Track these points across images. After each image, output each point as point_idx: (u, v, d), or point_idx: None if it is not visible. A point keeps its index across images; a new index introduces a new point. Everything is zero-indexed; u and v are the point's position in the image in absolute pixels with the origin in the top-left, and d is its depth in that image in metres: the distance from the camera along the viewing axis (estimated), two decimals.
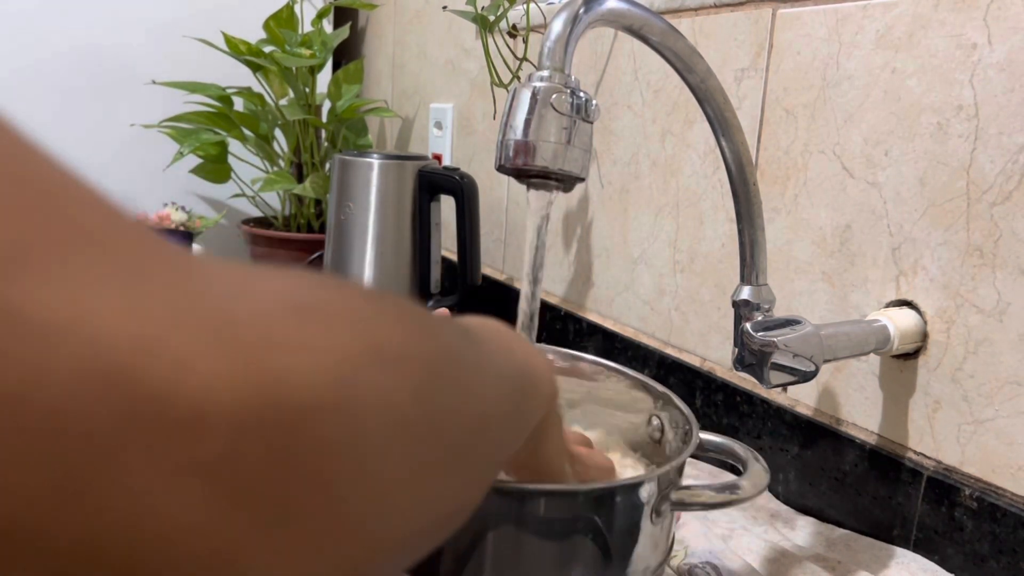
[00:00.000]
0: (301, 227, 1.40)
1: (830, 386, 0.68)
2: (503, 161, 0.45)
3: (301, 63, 1.31)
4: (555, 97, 0.44)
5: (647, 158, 0.88)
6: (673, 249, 0.85)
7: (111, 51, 1.44)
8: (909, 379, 0.61)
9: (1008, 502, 0.54)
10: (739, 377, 0.76)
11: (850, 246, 0.66)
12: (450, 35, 1.32)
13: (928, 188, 0.59)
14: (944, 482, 0.58)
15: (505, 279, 1.18)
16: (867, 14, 0.64)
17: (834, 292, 0.67)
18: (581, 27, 0.46)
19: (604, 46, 0.95)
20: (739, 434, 0.76)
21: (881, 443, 0.63)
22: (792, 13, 0.70)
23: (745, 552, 0.60)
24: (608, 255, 0.95)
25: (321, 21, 1.38)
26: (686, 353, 0.84)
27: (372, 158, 1.10)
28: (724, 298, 0.78)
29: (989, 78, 0.55)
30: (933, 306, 0.59)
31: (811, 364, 0.57)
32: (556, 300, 1.05)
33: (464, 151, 1.29)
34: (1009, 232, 0.54)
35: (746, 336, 0.58)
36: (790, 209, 0.71)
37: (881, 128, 0.63)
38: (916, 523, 0.60)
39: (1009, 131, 0.54)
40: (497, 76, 1.00)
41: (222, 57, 1.33)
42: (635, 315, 0.91)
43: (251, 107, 1.37)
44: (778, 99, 0.72)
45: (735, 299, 0.60)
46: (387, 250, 1.10)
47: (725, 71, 0.76)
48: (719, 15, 0.78)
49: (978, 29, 0.56)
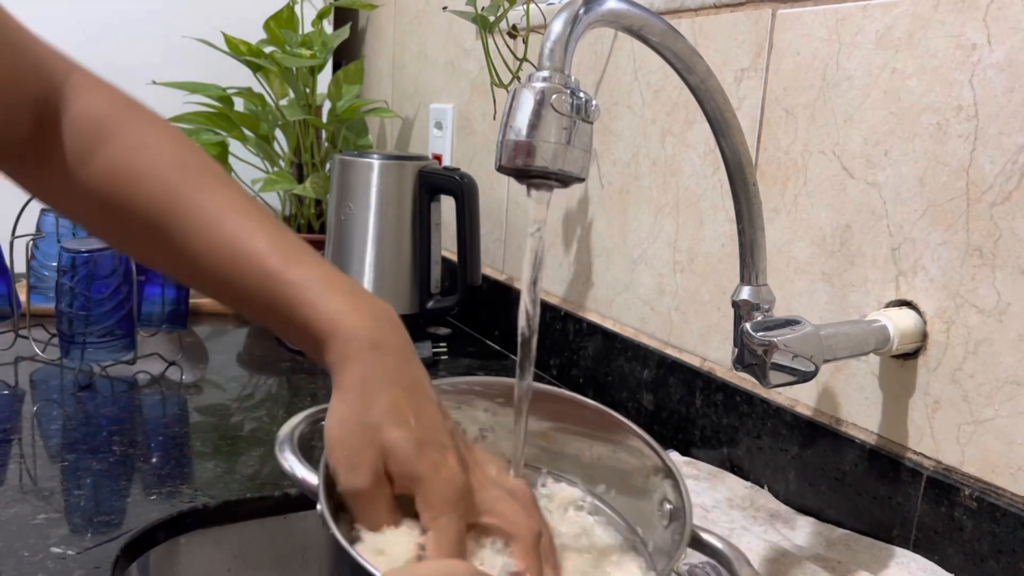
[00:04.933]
0: (301, 227, 1.40)
1: (830, 386, 0.68)
2: (503, 161, 0.45)
3: (301, 63, 1.31)
4: (555, 97, 0.44)
5: (647, 158, 0.88)
6: (673, 249, 0.85)
7: (111, 51, 1.43)
8: (909, 379, 0.61)
9: (1008, 502, 0.54)
10: (739, 377, 0.77)
11: (850, 246, 0.66)
12: (450, 35, 1.32)
13: (928, 188, 0.59)
14: (944, 482, 0.58)
15: (505, 279, 1.18)
16: (867, 14, 0.64)
17: (834, 292, 0.67)
18: (581, 28, 0.46)
19: (604, 46, 0.95)
20: (739, 434, 0.76)
21: (881, 443, 0.63)
22: (792, 13, 0.70)
23: (745, 552, 0.60)
24: (608, 255, 0.95)
25: (321, 21, 1.38)
26: (686, 353, 0.84)
27: (372, 158, 1.10)
28: (724, 298, 0.78)
29: (989, 78, 0.55)
30: (933, 306, 0.60)
31: (811, 364, 0.57)
32: (556, 300, 1.05)
33: (464, 151, 1.30)
34: (1009, 232, 0.54)
35: (746, 336, 0.58)
36: (790, 209, 0.71)
37: (881, 128, 0.63)
38: (916, 523, 0.60)
39: (1009, 131, 0.54)
40: (497, 76, 1.00)
41: (222, 57, 1.34)
42: (635, 315, 0.91)
43: (251, 107, 1.37)
44: (778, 99, 0.72)
45: (735, 299, 0.60)
46: (387, 250, 1.10)
47: (725, 71, 0.76)
48: (719, 15, 0.78)
49: (978, 29, 0.56)
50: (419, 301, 1.12)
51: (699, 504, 0.68)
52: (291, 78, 1.33)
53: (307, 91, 1.37)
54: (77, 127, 0.52)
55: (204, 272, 0.50)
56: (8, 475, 0.71)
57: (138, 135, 0.53)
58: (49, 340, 0.99)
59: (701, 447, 0.81)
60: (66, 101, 0.52)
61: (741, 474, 0.75)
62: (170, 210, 0.50)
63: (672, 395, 0.84)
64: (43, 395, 0.90)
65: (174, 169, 0.52)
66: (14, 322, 1.00)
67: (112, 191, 0.51)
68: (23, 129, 0.51)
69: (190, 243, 0.50)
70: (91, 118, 0.52)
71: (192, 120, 1.31)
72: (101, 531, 0.62)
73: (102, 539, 0.61)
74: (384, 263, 1.10)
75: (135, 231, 0.52)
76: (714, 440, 0.79)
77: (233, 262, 0.49)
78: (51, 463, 0.73)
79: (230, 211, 0.51)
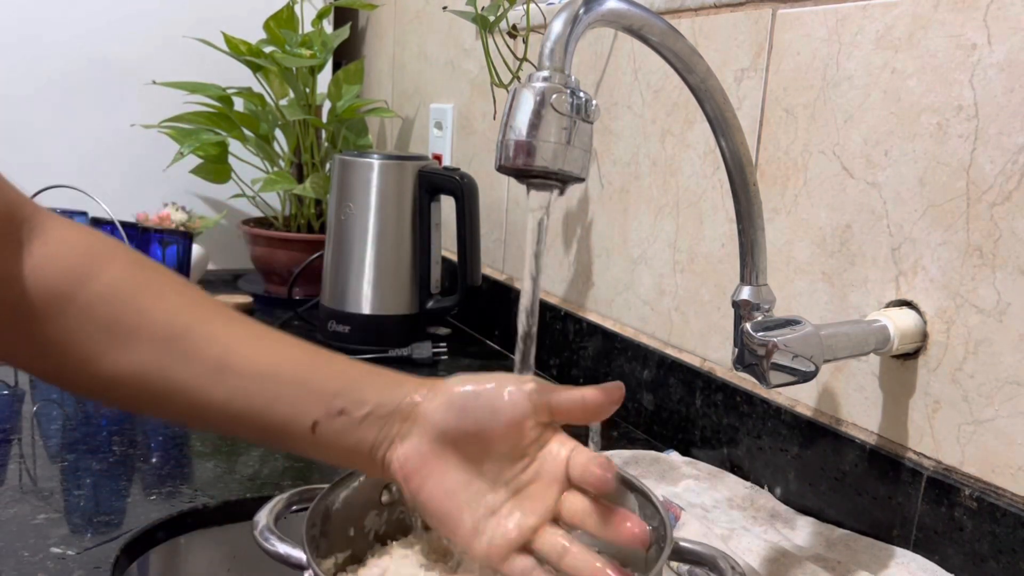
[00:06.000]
0: (301, 227, 1.40)
1: (830, 386, 0.68)
2: (503, 161, 0.45)
3: (301, 63, 1.31)
4: (555, 97, 0.44)
5: (647, 158, 0.88)
6: (673, 249, 0.85)
7: (112, 51, 1.44)
8: (909, 379, 0.61)
9: (1008, 502, 0.54)
10: (739, 377, 0.76)
11: (850, 246, 0.66)
12: (450, 35, 1.32)
13: (928, 188, 0.59)
14: (944, 482, 0.58)
15: (505, 279, 1.18)
16: (867, 14, 0.64)
17: (834, 292, 0.67)
18: (581, 27, 0.46)
19: (604, 46, 0.95)
20: (739, 434, 0.76)
21: (881, 443, 0.63)
22: (792, 13, 0.70)
23: (745, 552, 0.60)
24: (608, 255, 0.95)
25: (321, 21, 1.38)
26: (686, 353, 0.84)
27: (372, 158, 1.10)
28: (724, 298, 0.78)
29: (989, 78, 0.55)
30: (933, 306, 0.59)
31: (811, 364, 0.57)
32: (556, 300, 1.05)
33: (464, 151, 1.30)
34: (1009, 232, 0.54)
35: (746, 336, 0.58)
36: (790, 209, 0.71)
37: (881, 128, 0.63)
38: (916, 523, 0.60)
39: (1009, 131, 0.54)
40: (497, 76, 1.00)
41: (222, 57, 1.33)
42: (635, 315, 0.91)
43: (251, 107, 1.37)
44: (778, 99, 0.72)
45: (735, 299, 0.60)
46: (387, 250, 1.10)
47: (725, 71, 0.76)
48: (719, 15, 0.78)
49: (978, 29, 0.56)
50: (419, 301, 1.12)
51: (699, 504, 0.68)
52: (291, 78, 1.33)
53: (307, 91, 1.36)
54: (64, 251, 0.46)
55: (238, 379, 0.46)
56: (8, 475, 0.71)
57: (141, 259, 0.49)
58: None
59: (701, 447, 0.81)
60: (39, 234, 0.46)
61: (741, 474, 0.75)
62: (198, 321, 0.47)
63: (672, 395, 0.84)
64: (43, 395, 0.90)
65: (194, 292, 0.49)
66: None
67: (117, 310, 0.46)
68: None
69: (227, 350, 0.46)
70: (79, 241, 0.47)
71: (192, 120, 1.31)
72: (101, 531, 0.62)
73: (102, 539, 0.61)
74: (384, 263, 1.10)
75: (135, 355, 0.45)
76: (714, 440, 0.79)
77: (286, 357, 0.47)
78: (51, 463, 0.73)
79: (261, 335, 0.48)
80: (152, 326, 0.46)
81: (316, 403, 0.45)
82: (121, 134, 1.42)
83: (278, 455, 0.77)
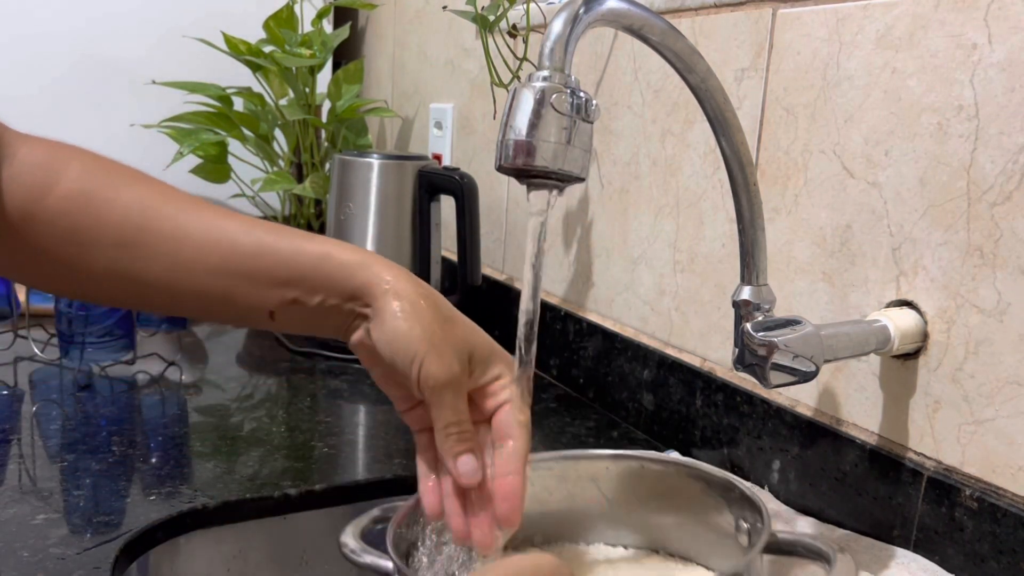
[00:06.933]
0: (301, 227, 1.40)
1: (830, 386, 0.68)
2: (503, 161, 0.45)
3: (301, 63, 1.31)
4: (555, 97, 0.44)
5: (647, 158, 0.88)
6: (673, 249, 0.85)
7: (111, 51, 1.43)
8: (909, 379, 0.61)
9: (1008, 502, 0.54)
10: (739, 377, 0.76)
11: (850, 246, 0.66)
12: (450, 35, 1.32)
13: (928, 188, 0.59)
14: (944, 482, 0.58)
15: (505, 279, 1.18)
16: (867, 14, 0.64)
17: (834, 292, 0.67)
18: (581, 27, 0.46)
19: (604, 46, 0.95)
20: (739, 434, 0.76)
21: (881, 443, 0.63)
22: (792, 13, 0.70)
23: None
24: (608, 255, 0.95)
25: (321, 21, 1.38)
26: (686, 353, 0.84)
27: (372, 158, 1.10)
28: (724, 298, 0.78)
29: (989, 78, 0.55)
30: (933, 306, 0.59)
31: (811, 364, 0.57)
32: (556, 300, 1.05)
33: (464, 151, 1.29)
34: (1009, 232, 0.54)
35: (746, 336, 0.58)
36: (790, 209, 0.71)
37: (881, 128, 0.63)
38: (916, 523, 0.60)
39: (1009, 131, 0.54)
40: (497, 76, 1.00)
41: (222, 57, 1.33)
42: (635, 315, 0.91)
43: (251, 107, 1.37)
44: (778, 99, 0.72)
45: (735, 299, 0.60)
46: (387, 250, 1.10)
47: (725, 71, 0.76)
48: (719, 15, 0.78)
49: (978, 29, 0.56)
50: None
51: None
52: (291, 78, 1.33)
53: (307, 91, 1.36)
54: (24, 169, 0.49)
55: (192, 276, 0.48)
56: (7, 475, 0.71)
57: (96, 161, 0.51)
58: (48, 340, 0.99)
59: (701, 447, 0.80)
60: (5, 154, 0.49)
61: (741, 474, 0.75)
62: (149, 222, 0.49)
63: (672, 395, 0.84)
64: (42, 395, 0.90)
65: (146, 185, 0.50)
66: (13, 322, 1.00)
67: (75, 220, 0.48)
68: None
69: (177, 250, 0.48)
70: (38, 158, 0.50)
71: (192, 120, 1.31)
72: (101, 531, 0.62)
73: (102, 539, 0.61)
74: None
75: (100, 260, 0.49)
76: (714, 440, 0.79)
77: (234, 251, 0.48)
78: (50, 463, 0.73)
79: (221, 215, 0.50)
80: (108, 232, 0.49)
81: (268, 295, 0.49)
82: (120, 134, 1.42)
83: (278, 455, 0.77)
